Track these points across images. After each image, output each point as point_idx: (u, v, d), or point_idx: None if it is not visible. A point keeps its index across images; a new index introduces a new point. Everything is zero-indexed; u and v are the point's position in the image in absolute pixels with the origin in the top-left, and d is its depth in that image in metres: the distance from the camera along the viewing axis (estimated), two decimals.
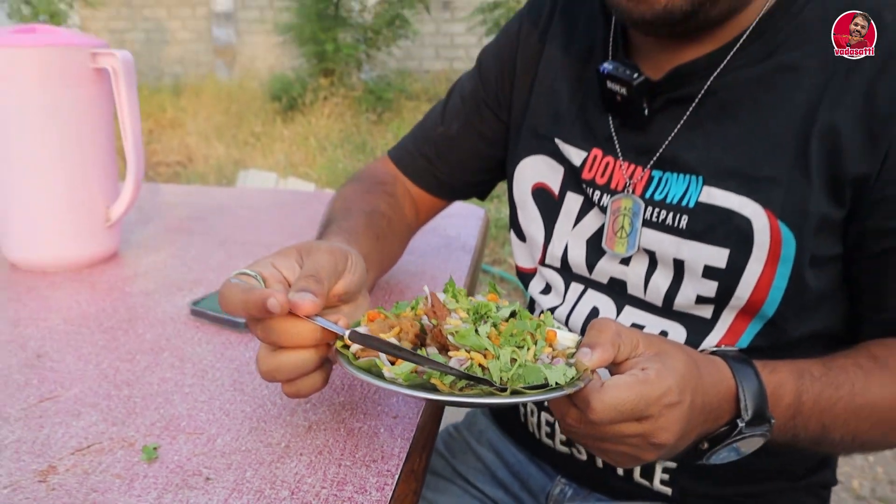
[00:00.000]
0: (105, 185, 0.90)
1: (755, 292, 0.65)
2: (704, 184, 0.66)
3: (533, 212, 0.79)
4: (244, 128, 6.43)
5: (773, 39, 0.65)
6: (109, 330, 0.71)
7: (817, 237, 0.63)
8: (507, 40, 0.85)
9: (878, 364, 0.62)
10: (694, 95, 0.67)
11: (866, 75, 0.61)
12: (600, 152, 0.73)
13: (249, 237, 1.04)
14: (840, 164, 0.62)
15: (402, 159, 0.89)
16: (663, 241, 0.68)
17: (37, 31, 0.84)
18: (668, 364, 0.50)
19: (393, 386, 0.44)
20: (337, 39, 7.48)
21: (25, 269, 0.88)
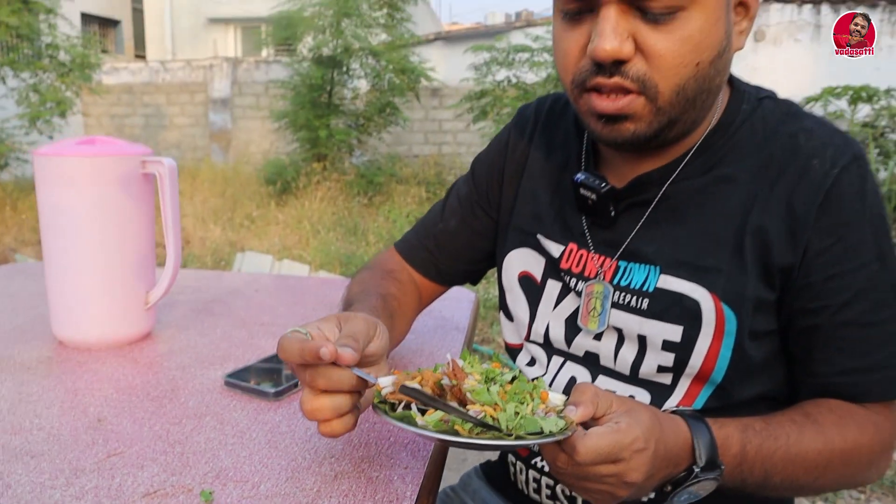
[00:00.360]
0: (145, 272, 1.03)
1: (705, 362, 0.78)
2: (661, 272, 0.80)
3: (519, 296, 0.93)
4: (239, 211, 6.61)
5: (713, 156, 0.80)
6: (156, 399, 0.83)
7: (754, 316, 0.77)
8: (496, 150, 1.01)
9: (809, 420, 0.75)
10: (651, 200, 0.82)
11: (786, 187, 0.76)
12: (575, 246, 0.87)
13: (266, 318, 1.16)
14: (769, 257, 0.76)
15: (407, 251, 1.04)
16: (629, 320, 0.81)
17: (96, 142, 0.99)
18: (636, 418, 0.63)
19: (424, 431, 0.57)
20: (330, 126, 7.75)
21: (72, 346, 1.00)
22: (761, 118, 0.81)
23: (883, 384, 0.77)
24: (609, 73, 0.72)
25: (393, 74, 7.85)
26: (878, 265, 0.76)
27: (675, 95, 0.73)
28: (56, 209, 0.97)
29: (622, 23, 0.70)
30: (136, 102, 10.92)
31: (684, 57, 0.71)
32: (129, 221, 0.99)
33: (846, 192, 0.75)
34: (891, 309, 0.76)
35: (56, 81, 7.74)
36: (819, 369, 0.78)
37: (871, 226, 0.76)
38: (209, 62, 10.75)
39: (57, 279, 0.99)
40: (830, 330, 0.76)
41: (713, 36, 0.72)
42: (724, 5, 0.73)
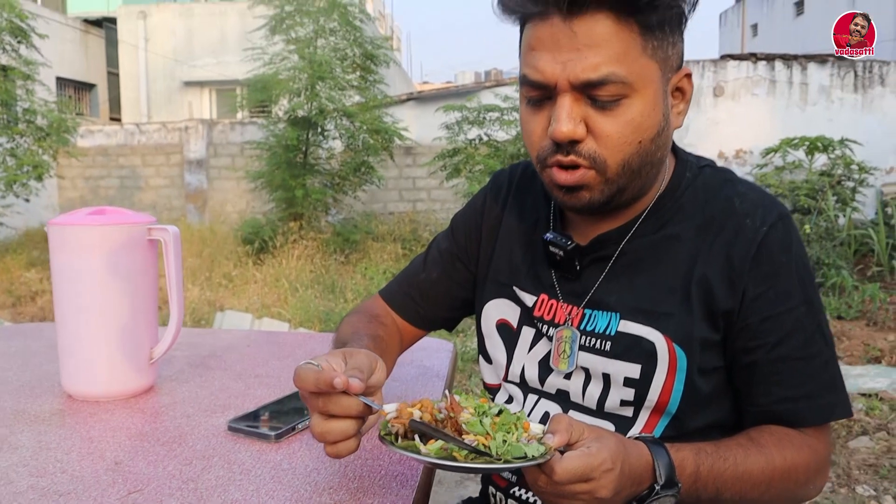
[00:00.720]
0: (149, 329, 1.12)
1: (661, 396, 0.90)
2: (621, 318, 0.92)
3: (498, 341, 1.05)
4: (217, 270, 6.66)
5: (663, 217, 0.94)
6: (166, 443, 0.92)
7: (702, 354, 0.89)
8: (473, 211, 1.13)
9: (753, 443, 0.87)
10: (611, 256, 0.94)
11: (725, 242, 0.89)
12: (546, 296, 0.99)
13: (260, 371, 1.25)
14: (713, 303, 0.88)
15: (391, 298, 1.15)
16: (594, 361, 0.93)
17: (105, 212, 1.09)
18: (604, 443, 0.73)
19: (427, 458, 0.68)
20: (306, 185, 7.88)
21: (81, 399, 1.08)
22: (702, 184, 0.95)
23: (814, 411, 0.89)
24: (566, 151, 0.85)
25: (367, 134, 8.06)
26: (805, 308, 0.89)
27: (622, 168, 0.86)
28: (69, 273, 1.06)
29: (575, 109, 0.83)
30: (110, 164, 11.01)
31: (628, 137, 0.84)
32: (135, 284, 1.08)
33: (774, 246, 0.89)
34: (817, 345, 0.90)
35: (33, 145, 7.81)
36: (760, 399, 0.90)
37: (797, 274, 0.89)
38: (185, 124, 10.91)
39: (69, 337, 1.07)
40: (767, 365, 0.89)
41: (652, 118, 0.85)
42: (662, 92, 0.86)
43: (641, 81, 0.83)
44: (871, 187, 8.58)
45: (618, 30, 0.80)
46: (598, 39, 0.80)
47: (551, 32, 0.82)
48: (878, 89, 9.19)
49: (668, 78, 0.87)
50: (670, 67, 0.87)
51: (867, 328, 5.37)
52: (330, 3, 7.94)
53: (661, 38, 0.84)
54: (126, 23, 13.52)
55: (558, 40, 0.82)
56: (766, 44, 19.48)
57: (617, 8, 0.80)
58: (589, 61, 0.80)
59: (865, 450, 3.20)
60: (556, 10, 0.81)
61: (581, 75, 0.81)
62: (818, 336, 0.90)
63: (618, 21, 0.80)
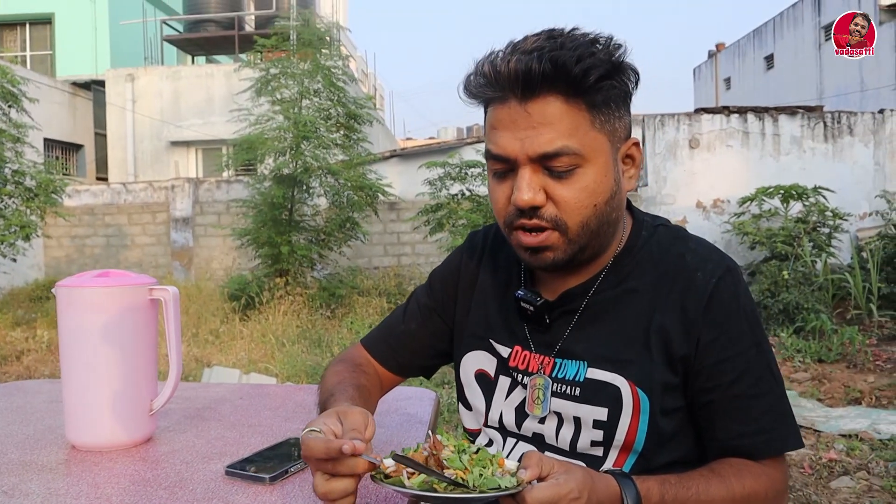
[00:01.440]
0: (149, 382, 1.19)
1: (628, 435, 0.98)
2: (588, 366, 1.01)
3: (476, 390, 1.14)
4: (204, 326, 6.68)
5: (622, 273, 1.04)
6: (168, 488, 0.99)
7: (663, 396, 0.98)
8: (450, 269, 1.23)
9: (714, 473, 0.95)
10: (577, 309, 1.04)
11: (679, 294, 0.99)
12: (520, 348, 1.09)
13: (252, 421, 1.32)
14: (671, 349, 0.98)
15: (372, 347, 1.24)
16: (565, 405, 1.02)
17: (110, 275, 1.17)
18: (572, 475, 0.82)
19: (412, 490, 0.77)
20: (291, 242, 7.96)
21: (85, 449, 1.15)
22: (657, 242, 1.05)
23: (769, 443, 0.98)
24: (528, 216, 0.95)
25: (351, 191, 8.19)
26: (755, 350, 0.99)
27: (581, 229, 0.96)
28: (75, 332, 1.14)
29: (535, 179, 0.94)
30: (97, 223, 11.07)
31: (584, 201, 0.95)
32: (137, 340, 1.16)
33: (723, 296, 0.99)
34: (768, 383, 0.99)
35: (21, 206, 7.88)
36: (719, 435, 0.99)
37: (746, 321, 1.00)
38: (171, 183, 11.03)
39: (74, 391, 1.14)
40: (724, 403, 0.98)
41: (605, 184, 0.96)
42: (612, 160, 0.97)
43: (592, 152, 0.94)
44: (845, 233, 8.80)
45: (567, 109, 0.92)
46: (550, 118, 0.91)
47: (509, 114, 0.94)
48: (847, 139, 9.50)
49: (618, 147, 0.98)
50: (619, 138, 0.98)
51: (847, 370, 5.47)
52: (314, 66, 8.16)
53: (608, 113, 0.95)
54: (114, 85, 13.75)
55: (516, 120, 0.93)
56: (739, 97, 20.07)
57: (565, 91, 0.91)
58: (544, 137, 0.92)
59: (847, 489, 3.26)
60: (512, 95, 0.93)
61: (538, 149, 0.92)
62: (768, 375, 0.99)
63: (567, 102, 0.92)
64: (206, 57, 17.55)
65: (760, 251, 8.64)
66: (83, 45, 15.92)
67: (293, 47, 8.48)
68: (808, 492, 3.25)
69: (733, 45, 21.81)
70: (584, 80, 0.90)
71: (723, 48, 22.74)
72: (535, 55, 0.90)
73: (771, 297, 7.12)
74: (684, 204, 9.51)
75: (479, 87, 0.96)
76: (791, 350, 5.96)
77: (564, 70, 0.89)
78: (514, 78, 0.91)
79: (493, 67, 0.93)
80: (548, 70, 0.89)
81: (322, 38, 8.44)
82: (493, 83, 0.94)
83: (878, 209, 9.16)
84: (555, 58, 0.89)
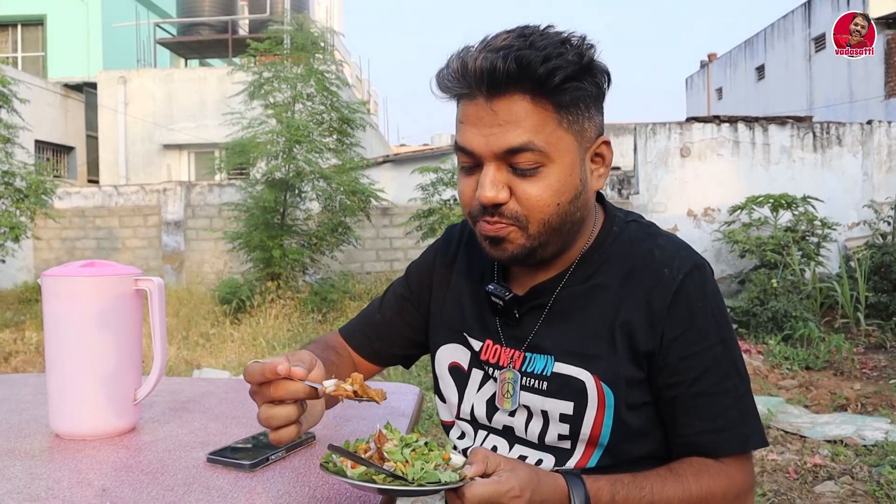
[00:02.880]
0: (133, 372, 1.20)
1: (593, 429, 0.99)
2: (556, 360, 1.02)
3: (450, 382, 1.15)
4: (194, 329, 6.67)
5: (590, 268, 1.04)
6: (150, 473, 0.99)
7: (628, 391, 0.98)
8: (426, 264, 1.25)
9: (671, 473, 0.95)
10: (547, 304, 1.04)
11: (645, 290, 0.99)
12: (491, 342, 1.09)
13: (237, 413, 1.33)
14: (636, 345, 0.98)
15: (349, 335, 1.26)
16: (533, 399, 1.03)
17: (95, 265, 1.18)
18: (515, 473, 0.82)
19: (351, 480, 0.78)
20: (283, 246, 7.95)
21: (68, 438, 1.15)
22: (627, 237, 1.05)
23: (731, 441, 0.98)
24: (490, 213, 0.96)
25: (344, 196, 8.20)
26: (721, 347, 0.99)
27: (543, 227, 0.96)
28: (60, 321, 1.15)
29: (499, 176, 0.95)
30: (87, 226, 11.04)
31: (547, 200, 0.95)
32: (121, 330, 1.17)
33: (690, 292, 0.99)
34: (732, 380, 0.99)
35: (11, 207, 7.85)
36: (682, 431, 0.99)
37: (713, 317, 0.99)
38: (163, 186, 11.01)
39: (58, 379, 1.15)
40: (687, 399, 0.98)
41: (569, 183, 0.96)
42: (579, 159, 0.97)
43: (557, 151, 0.94)
44: (834, 242, 8.86)
45: (533, 108, 0.92)
46: (515, 117, 0.92)
47: (476, 111, 0.94)
48: (836, 149, 9.58)
49: (586, 147, 0.98)
50: (587, 138, 0.98)
51: (834, 377, 5.51)
52: (307, 70, 8.18)
53: (576, 113, 0.95)
54: (106, 87, 13.72)
55: (482, 117, 0.94)
56: (730, 106, 20.20)
57: (531, 90, 0.92)
58: (509, 134, 0.92)
59: (831, 494, 3.28)
60: (479, 92, 0.93)
61: (502, 145, 0.93)
62: (733, 372, 0.99)
63: (533, 101, 0.92)
64: (199, 60, 17.54)
65: (750, 259, 8.69)
66: (75, 47, 15.90)
67: (287, 51, 8.50)
68: (792, 496, 3.27)
69: (725, 56, 21.97)
70: (549, 81, 0.90)
71: (715, 58, 22.90)
72: (502, 53, 0.90)
73: (760, 304, 7.16)
74: (675, 212, 9.56)
75: (448, 82, 0.97)
76: (779, 357, 6.00)
77: (530, 69, 0.90)
78: (479, 76, 0.91)
79: (461, 64, 0.94)
80: (513, 69, 0.89)
81: (316, 43, 8.47)
82: (461, 79, 0.94)
83: (866, 219, 9.24)
84: (520, 57, 0.89)
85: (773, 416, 4.45)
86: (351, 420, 1.28)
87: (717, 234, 9.26)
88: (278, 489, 0.94)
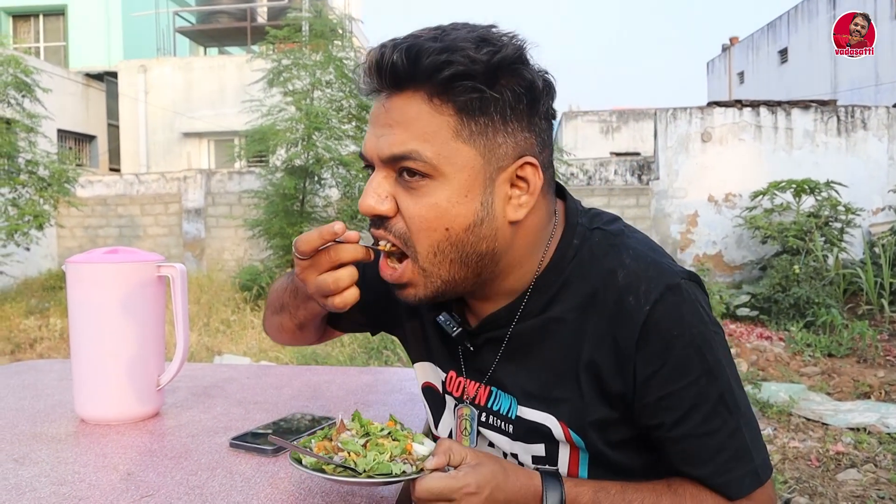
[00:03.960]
0: (157, 358, 1.21)
1: (570, 469, 0.89)
2: (518, 403, 0.90)
3: (425, 401, 1.06)
4: (215, 316, 6.73)
5: (547, 294, 0.88)
6: (174, 458, 1.01)
7: (604, 433, 0.86)
8: None
9: (669, 490, 0.85)
10: (503, 337, 0.91)
11: (609, 323, 0.85)
12: (454, 373, 0.99)
13: (259, 398, 1.34)
14: (603, 385, 0.85)
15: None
16: (500, 440, 0.93)
17: (119, 252, 1.19)
18: (476, 469, 0.77)
19: (305, 469, 0.78)
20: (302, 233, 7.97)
21: (93, 422, 1.17)
22: (589, 252, 0.89)
23: (724, 487, 0.84)
24: (377, 226, 0.85)
25: (363, 183, 8.20)
26: (706, 379, 0.83)
27: (434, 256, 0.83)
28: (84, 307, 1.16)
29: (384, 184, 0.83)
30: (109, 214, 11.16)
31: (431, 221, 0.81)
32: (144, 316, 1.18)
33: (662, 322, 0.82)
34: (720, 417, 0.84)
35: (34, 196, 7.96)
36: (673, 472, 0.87)
37: (693, 346, 0.83)
38: (183, 174, 11.09)
39: (83, 365, 1.16)
40: (670, 443, 0.85)
41: (463, 207, 0.81)
42: (483, 180, 0.82)
43: (450, 166, 0.81)
44: (857, 228, 8.74)
45: (429, 110, 0.80)
46: (407, 118, 0.81)
47: (376, 108, 0.85)
48: (860, 133, 9.42)
49: (500, 167, 0.83)
50: (500, 156, 0.82)
51: (857, 365, 5.45)
52: (326, 57, 8.18)
53: (486, 124, 0.81)
54: (127, 76, 13.82)
55: (378, 116, 0.84)
56: (752, 91, 19.92)
57: (427, 89, 0.80)
58: (395, 137, 0.81)
59: (853, 481, 3.26)
60: (381, 89, 0.84)
61: (387, 150, 0.82)
62: (721, 407, 0.84)
63: (429, 101, 0.80)
64: (218, 48, 17.60)
65: (772, 245, 8.60)
66: (96, 37, 16.00)
67: (305, 38, 8.50)
68: (814, 483, 3.25)
69: (747, 39, 21.65)
70: (436, 75, 0.78)
71: (736, 42, 22.58)
72: (395, 46, 0.80)
73: (782, 291, 7.09)
74: (696, 198, 9.47)
75: (358, 78, 0.87)
76: (801, 344, 5.94)
77: (417, 63, 0.79)
78: (370, 70, 0.83)
79: (367, 57, 0.84)
80: (400, 61, 0.79)
81: (334, 30, 8.46)
82: (364, 73, 0.85)
83: (891, 204, 9.09)
84: (410, 48, 0.79)
85: (794, 403, 4.41)
86: (372, 405, 1.29)
87: (738, 220, 9.16)
88: (300, 474, 0.94)
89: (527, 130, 0.84)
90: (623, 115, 17.38)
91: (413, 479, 0.77)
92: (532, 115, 0.84)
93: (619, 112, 17.49)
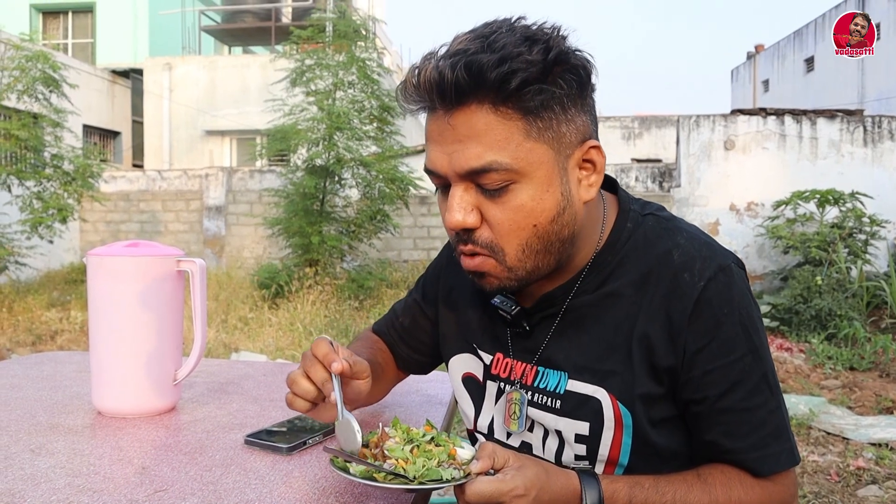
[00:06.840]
0: (174, 353, 1.21)
1: (611, 451, 0.92)
2: (569, 377, 0.94)
3: (464, 394, 1.09)
4: (233, 313, 6.76)
5: (603, 272, 0.94)
6: (188, 453, 1.00)
7: (649, 409, 0.90)
8: (435, 270, 1.18)
9: (699, 479, 0.88)
10: (557, 313, 0.96)
11: (663, 298, 0.90)
12: (501, 355, 1.02)
13: (274, 396, 1.34)
14: (654, 359, 0.89)
15: (382, 334, 1.24)
16: (546, 418, 0.96)
17: (139, 245, 1.19)
18: (521, 471, 0.79)
19: (353, 477, 0.79)
20: (322, 233, 8.01)
21: (110, 415, 1.17)
22: (643, 235, 0.94)
23: (760, 461, 0.89)
24: (463, 240, 0.88)
25: (383, 183, 8.22)
26: (751, 357, 0.89)
27: (521, 253, 0.87)
28: (104, 300, 1.16)
29: (466, 198, 0.85)
30: (132, 209, 11.27)
31: (520, 222, 0.85)
32: (163, 310, 1.18)
33: (714, 299, 0.88)
34: (763, 395, 0.89)
35: (59, 189, 8.05)
36: (710, 448, 0.91)
37: (741, 325, 0.89)
38: (205, 171, 11.17)
39: (101, 357, 1.17)
40: (713, 416, 0.89)
41: (547, 200, 0.85)
42: (558, 171, 0.86)
43: (529, 166, 0.83)
44: (882, 240, 8.61)
45: (496, 119, 0.82)
46: (476, 131, 0.82)
47: (437, 126, 0.85)
48: (887, 143, 9.29)
49: (568, 154, 0.87)
50: (567, 144, 0.86)
51: (879, 379, 5.36)
52: (349, 58, 8.20)
53: (549, 118, 0.84)
54: (152, 73, 13.96)
55: (443, 133, 0.84)
56: (777, 99, 19.73)
57: (491, 99, 0.81)
58: (471, 151, 0.82)
59: (874, 498, 3.20)
60: (439, 106, 0.84)
61: (465, 165, 0.83)
62: (763, 385, 0.89)
63: (495, 111, 0.81)
64: (242, 47, 17.74)
65: (794, 256, 8.49)
66: (123, 34, 16.20)
67: (329, 39, 8.53)
68: (833, 499, 3.19)
69: (773, 47, 21.45)
70: (505, 86, 0.80)
71: (762, 50, 22.38)
72: (451, 61, 0.80)
73: (803, 302, 7.00)
74: (717, 206, 9.38)
75: (407, 96, 0.87)
76: (822, 357, 5.86)
77: (482, 76, 0.79)
78: (430, 88, 0.83)
79: (416, 75, 0.84)
80: (462, 78, 0.80)
81: (358, 31, 8.48)
82: (415, 93, 0.85)
83: None
84: (470, 63, 0.79)
85: (814, 416, 4.35)
86: (389, 406, 1.28)
87: (759, 230, 9.06)
88: (315, 473, 0.94)
89: (583, 113, 0.88)
90: (645, 121, 17.27)
91: (462, 484, 0.78)
92: (584, 97, 0.87)
93: (641, 118, 17.39)
